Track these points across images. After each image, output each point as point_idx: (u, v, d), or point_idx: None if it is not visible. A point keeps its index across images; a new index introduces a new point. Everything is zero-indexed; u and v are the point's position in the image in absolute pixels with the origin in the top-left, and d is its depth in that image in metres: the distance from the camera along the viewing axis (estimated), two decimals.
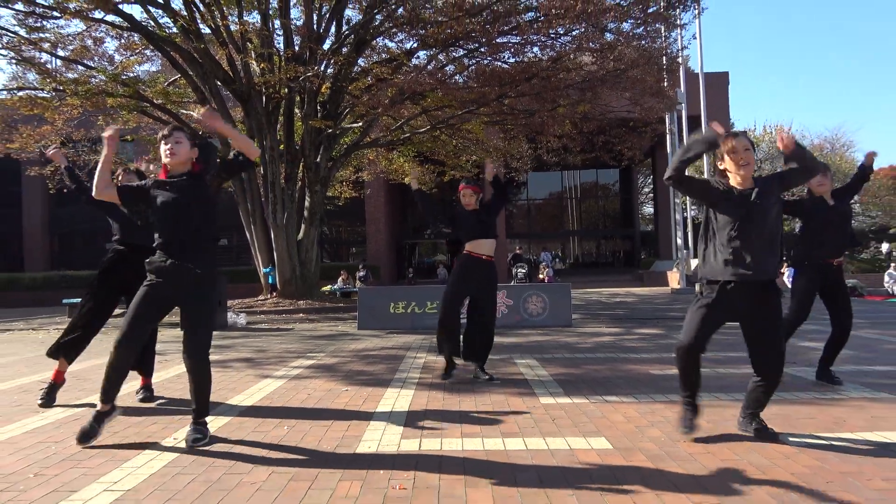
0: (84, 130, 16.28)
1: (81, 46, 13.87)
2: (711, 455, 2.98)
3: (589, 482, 2.65)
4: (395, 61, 13.62)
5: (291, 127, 14.29)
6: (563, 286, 10.08)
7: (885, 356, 5.84)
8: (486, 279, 5.07)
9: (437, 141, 16.62)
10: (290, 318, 11.89)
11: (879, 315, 10.26)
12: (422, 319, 9.58)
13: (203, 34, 12.73)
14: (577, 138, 14.79)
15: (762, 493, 2.48)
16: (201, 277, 3.30)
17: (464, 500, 2.48)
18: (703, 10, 14.93)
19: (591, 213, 37.36)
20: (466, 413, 3.93)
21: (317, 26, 13.32)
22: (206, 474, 2.85)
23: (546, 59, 13.00)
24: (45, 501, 2.55)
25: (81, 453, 3.21)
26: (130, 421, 3.89)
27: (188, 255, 3.29)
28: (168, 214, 3.31)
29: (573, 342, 7.48)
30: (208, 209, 3.38)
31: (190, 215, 3.31)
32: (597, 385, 4.73)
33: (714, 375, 5.01)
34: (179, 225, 3.30)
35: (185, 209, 3.30)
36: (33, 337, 9.72)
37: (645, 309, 12.87)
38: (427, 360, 6.21)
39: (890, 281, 16.97)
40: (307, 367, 5.91)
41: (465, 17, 11.67)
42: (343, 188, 20.91)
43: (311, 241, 14.47)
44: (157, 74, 16.53)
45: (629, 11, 12.03)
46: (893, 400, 4.02)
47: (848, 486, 2.54)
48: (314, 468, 2.91)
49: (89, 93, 12.58)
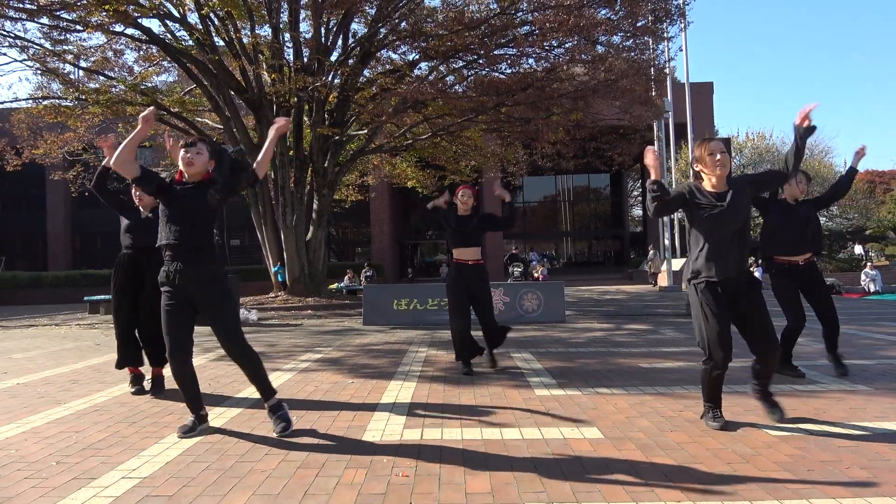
0: (105, 137, 16.28)
1: (102, 58, 13.88)
2: (698, 444, 2.96)
3: (582, 470, 2.64)
4: (398, 72, 13.62)
5: (300, 134, 14.28)
6: (556, 284, 10.06)
7: (862, 350, 5.83)
8: (477, 280, 5.07)
9: (438, 147, 16.62)
10: (299, 315, 11.88)
11: (856, 312, 10.24)
12: (423, 315, 9.57)
13: (217, 47, 12.72)
14: (570, 144, 14.79)
15: (746, 481, 2.47)
16: (205, 277, 3.27)
17: (463, 487, 2.47)
18: (689, 24, 14.95)
19: (583, 215, 37.34)
20: (465, 404, 3.92)
21: (325, 39, 13.32)
22: (219, 462, 2.84)
23: (541, 70, 13.01)
24: (67, 488, 2.54)
25: (101, 442, 3.20)
26: (147, 412, 3.88)
27: (190, 257, 3.25)
28: (174, 217, 3.27)
29: (566, 337, 7.46)
30: (208, 214, 3.34)
31: (193, 220, 3.27)
32: (589, 377, 4.72)
33: (700, 369, 4.98)
34: (183, 229, 3.25)
35: (189, 214, 3.27)
36: (56, 332, 9.71)
37: (634, 306, 12.85)
38: (428, 354, 6.20)
39: (866, 279, 16.93)
40: (315, 361, 5.89)
41: (465, 30, 11.68)
42: (349, 191, 20.91)
43: (319, 241, 14.46)
44: (174, 84, 16.53)
45: (619, 25, 12.03)
46: (870, 392, 4.01)
47: (828, 474, 2.53)
48: (321, 456, 2.90)
49: (110, 102, 12.57)
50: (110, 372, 5.40)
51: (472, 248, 5.09)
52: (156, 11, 11.32)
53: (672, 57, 18.62)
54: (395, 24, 13.00)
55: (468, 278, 5.04)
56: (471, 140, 16.08)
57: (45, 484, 2.59)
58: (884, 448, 2.84)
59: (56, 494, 2.47)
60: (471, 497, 2.36)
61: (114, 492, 2.49)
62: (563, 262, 36.82)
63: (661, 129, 20.36)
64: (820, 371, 4.72)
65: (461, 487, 2.47)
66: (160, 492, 2.48)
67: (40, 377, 5.29)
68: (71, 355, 6.71)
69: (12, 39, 12.31)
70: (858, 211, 27.91)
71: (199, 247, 3.28)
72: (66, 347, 7.49)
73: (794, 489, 2.37)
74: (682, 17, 13.23)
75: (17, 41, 12.43)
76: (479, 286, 5.08)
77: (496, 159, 17.09)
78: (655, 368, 5.06)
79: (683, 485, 2.44)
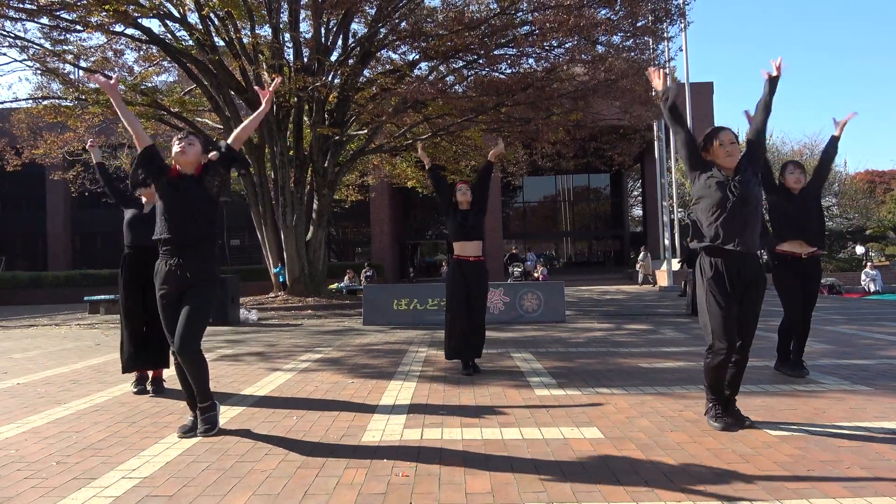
0: (105, 137, 16.30)
1: (102, 58, 13.88)
2: (698, 444, 2.96)
3: (582, 470, 2.64)
4: (398, 72, 13.62)
5: (300, 134, 14.28)
6: (556, 284, 10.05)
7: (862, 350, 5.83)
8: (476, 277, 5.06)
9: (438, 147, 16.61)
10: (299, 315, 11.88)
11: (857, 312, 10.24)
12: (423, 315, 9.57)
13: (217, 47, 12.72)
14: (570, 144, 14.79)
15: (746, 481, 2.46)
16: (199, 275, 3.26)
17: (463, 487, 2.47)
18: (689, 24, 14.94)
19: (584, 215, 37.32)
20: (465, 404, 3.92)
21: (324, 39, 13.32)
22: (219, 462, 2.84)
23: (541, 70, 13.01)
24: (67, 488, 2.54)
25: (101, 442, 3.19)
26: (147, 412, 3.88)
27: (187, 253, 3.25)
28: (171, 212, 3.26)
29: (566, 337, 7.46)
30: (208, 209, 3.33)
31: (190, 216, 3.27)
32: (589, 377, 4.71)
33: (699, 369, 4.97)
34: (180, 224, 3.25)
35: (186, 209, 3.26)
36: (56, 332, 9.71)
37: (634, 306, 12.85)
38: (428, 354, 6.19)
39: (866, 279, 16.93)
40: (315, 361, 5.89)
41: (465, 30, 11.68)
42: (349, 191, 20.91)
43: (319, 241, 14.46)
44: (174, 84, 16.54)
45: (619, 25, 12.03)
46: (870, 392, 4.01)
47: (828, 474, 2.53)
48: (321, 456, 2.90)
49: (110, 102, 12.54)
50: (110, 372, 5.40)
51: (474, 243, 5.08)
52: (156, 11, 11.32)
53: (672, 57, 18.58)
54: (395, 24, 13.00)
55: (468, 276, 5.04)
56: (471, 140, 16.08)
57: (45, 484, 2.59)
58: (884, 448, 2.84)
59: (56, 494, 2.47)
60: (471, 497, 2.36)
61: (114, 492, 2.49)
62: (563, 262, 36.82)
63: (661, 129, 20.36)
64: (820, 371, 4.72)
65: (461, 487, 2.47)
66: (160, 492, 2.48)
67: (40, 377, 5.29)
68: (71, 355, 6.71)
69: (12, 39, 12.33)
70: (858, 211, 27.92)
71: (199, 240, 3.29)
72: (66, 347, 7.49)
73: (794, 489, 2.37)
74: (682, 17, 13.23)
75: (17, 41, 12.44)
76: (478, 284, 5.07)
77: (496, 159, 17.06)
78: (655, 368, 5.05)
79: (683, 485, 2.43)
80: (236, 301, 10.61)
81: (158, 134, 16.33)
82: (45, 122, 14.34)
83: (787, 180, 4.53)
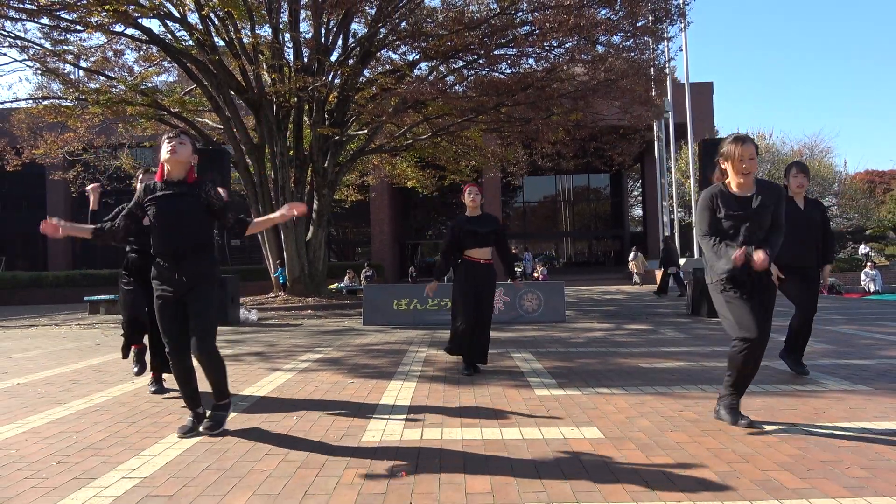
0: (105, 137, 16.29)
1: (103, 58, 13.88)
2: (698, 444, 2.96)
3: (582, 470, 2.64)
4: (398, 72, 13.62)
5: (300, 134, 14.28)
6: (556, 284, 10.05)
7: (862, 350, 5.83)
8: (486, 278, 5.08)
9: (438, 147, 16.62)
10: (299, 315, 11.88)
11: (857, 312, 10.24)
12: (423, 315, 9.57)
13: (217, 47, 12.71)
14: (570, 144, 14.79)
15: (746, 481, 2.46)
16: (197, 278, 3.21)
17: (463, 487, 2.47)
18: (689, 24, 14.95)
19: (583, 215, 37.32)
20: (465, 404, 3.92)
21: (325, 39, 13.32)
22: (219, 462, 2.84)
23: (541, 70, 13.01)
24: (67, 488, 2.54)
25: (101, 442, 3.19)
26: (147, 412, 3.88)
27: (185, 262, 3.20)
28: (163, 224, 3.20)
29: (566, 337, 7.46)
30: (202, 218, 3.26)
31: (185, 226, 3.20)
32: (589, 377, 4.72)
33: (700, 369, 5.00)
34: (174, 235, 3.19)
35: (180, 220, 3.20)
36: (56, 332, 9.71)
37: (634, 306, 12.84)
38: (428, 354, 6.19)
39: (866, 279, 16.92)
40: (315, 361, 5.89)
41: (465, 30, 11.68)
42: (349, 192, 20.90)
43: (319, 241, 14.46)
44: (174, 84, 16.54)
45: (619, 25, 12.03)
46: (870, 392, 4.01)
47: (828, 474, 2.53)
48: (321, 456, 2.90)
49: (110, 102, 12.56)
50: (110, 372, 5.40)
51: (486, 249, 5.12)
52: (156, 11, 11.31)
53: (672, 57, 18.66)
54: (395, 25, 13.00)
55: (479, 277, 5.04)
56: (471, 140, 16.07)
57: (45, 484, 2.59)
58: (884, 448, 2.84)
59: (56, 494, 2.47)
60: (471, 497, 2.36)
61: (114, 492, 2.49)
62: (563, 262, 36.81)
63: (661, 129, 20.37)
64: (820, 371, 4.72)
65: (461, 487, 2.46)
66: (160, 492, 2.48)
67: (40, 377, 5.29)
68: (71, 355, 6.71)
69: (12, 39, 12.31)
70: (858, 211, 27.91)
71: (199, 246, 3.25)
72: (66, 347, 7.49)
73: (794, 489, 2.37)
74: (682, 17, 13.23)
75: (17, 41, 12.42)
76: (488, 286, 5.09)
77: (496, 159, 17.08)
78: (655, 368, 5.05)
79: (683, 485, 2.43)
80: (236, 301, 10.61)
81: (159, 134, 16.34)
82: (45, 122, 14.34)
83: (790, 184, 4.57)
